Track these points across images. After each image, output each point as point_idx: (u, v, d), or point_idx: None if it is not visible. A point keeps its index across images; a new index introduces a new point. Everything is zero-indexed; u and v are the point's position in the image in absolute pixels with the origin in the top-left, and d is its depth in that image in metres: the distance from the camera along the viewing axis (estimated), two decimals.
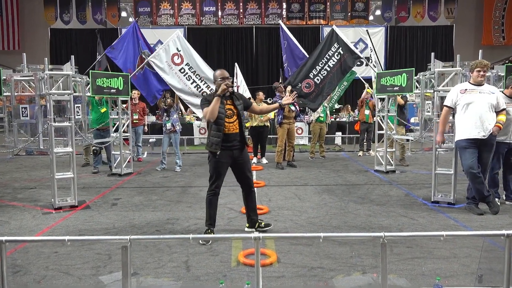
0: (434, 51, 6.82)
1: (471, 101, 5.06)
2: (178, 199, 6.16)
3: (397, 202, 5.86)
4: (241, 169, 4.41)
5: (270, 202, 5.92)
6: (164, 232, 4.62)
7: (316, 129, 10.02)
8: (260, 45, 18.38)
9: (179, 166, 8.55)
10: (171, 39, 8.66)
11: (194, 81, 8.66)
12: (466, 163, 5.12)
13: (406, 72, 7.32)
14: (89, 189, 6.91)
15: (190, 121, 13.93)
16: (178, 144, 8.61)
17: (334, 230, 4.60)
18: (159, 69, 8.54)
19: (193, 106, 8.88)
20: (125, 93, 7.82)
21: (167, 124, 8.37)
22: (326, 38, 8.66)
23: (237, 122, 4.29)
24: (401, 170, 8.41)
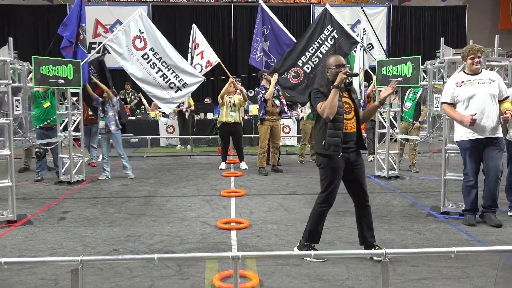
0: (444, 36, 6.98)
1: (472, 94, 5.17)
2: (140, 211, 6.11)
3: (401, 213, 5.95)
4: (357, 177, 4.30)
5: (252, 214, 5.94)
6: (123, 251, 4.57)
7: (307, 128, 10.08)
8: (240, 27, 18.37)
9: (129, 170, 8.49)
10: (132, 18, 8.60)
11: (159, 70, 8.61)
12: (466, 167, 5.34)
13: (412, 61, 7.44)
14: (31, 200, 6.80)
15: (155, 117, 13.85)
16: (121, 144, 8.45)
17: (327, 247, 4.64)
18: (118, 55, 8.46)
19: (159, 100, 8.83)
20: (76, 83, 7.74)
21: (101, 122, 8.25)
22: (318, 19, 8.73)
23: (354, 120, 4.24)
24: (405, 175, 8.55)
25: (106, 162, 8.45)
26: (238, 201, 6.62)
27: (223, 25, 18.41)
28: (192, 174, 8.95)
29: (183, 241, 4.87)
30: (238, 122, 9.24)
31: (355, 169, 4.28)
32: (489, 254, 4.29)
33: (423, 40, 18.89)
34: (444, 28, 18.73)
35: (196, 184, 7.96)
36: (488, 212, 5.39)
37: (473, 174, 5.34)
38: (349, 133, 4.20)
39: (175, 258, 4.15)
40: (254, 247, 4.69)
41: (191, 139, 12.58)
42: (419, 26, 18.94)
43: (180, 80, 8.65)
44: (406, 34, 19.00)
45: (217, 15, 18.34)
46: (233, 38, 18.42)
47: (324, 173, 4.30)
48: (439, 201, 6.04)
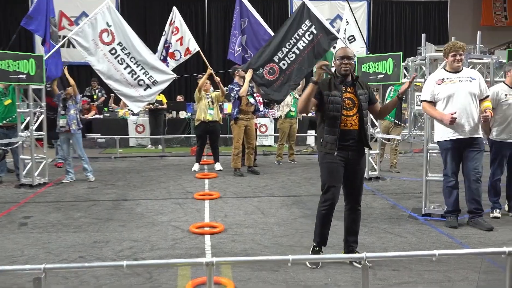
0: (426, 32, 7.09)
1: (452, 93, 5.28)
2: (108, 216, 6.05)
3: (382, 216, 6.03)
4: (354, 177, 4.32)
5: (226, 218, 5.94)
6: (90, 259, 4.52)
7: (285, 127, 10.11)
8: (215, 20, 18.32)
9: (90, 172, 8.40)
10: (99, 11, 8.50)
11: (128, 66, 8.54)
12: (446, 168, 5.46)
13: (392, 57, 7.54)
14: None
15: (124, 116, 13.70)
16: (81, 145, 8.31)
17: (306, 252, 4.66)
18: (83, 50, 8.36)
19: (127, 98, 8.76)
20: (38, 79, 7.61)
21: (61, 119, 8.03)
22: (296, 13, 8.78)
23: (357, 117, 4.19)
24: (386, 176, 8.66)
25: (69, 164, 8.32)
26: (212, 204, 6.60)
27: (196, 19, 18.32)
28: (163, 176, 8.89)
29: (154, 247, 4.83)
30: (217, 120, 9.22)
31: (354, 169, 4.30)
32: (471, 257, 4.39)
33: (404, 36, 19.18)
34: (426, 24, 19.07)
35: (167, 186, 7.90)
36: (476, 216, 5.49)
37: (453, 175, 5.45)
38: (349, 130, 4.18)
39: (146, 265, 4.12)
40: (229, 252, 4.69)
41: (163, 139, 12.49)
42: (400, 21, 19.21)
43: (149, 77, 8.59)
44: (387, 30, 19.24)
45: (190, 8, 18.24)
46: (207, 32, 18.34)
47: (321, 171, 4.37)
48: (420, 202, 6.14)
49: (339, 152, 4.19)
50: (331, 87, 4.20)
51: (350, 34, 9.90)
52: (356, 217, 4.46)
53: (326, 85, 4.22)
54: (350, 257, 4.17)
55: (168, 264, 4.16)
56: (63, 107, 8.07)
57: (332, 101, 4.15)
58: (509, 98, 5.71)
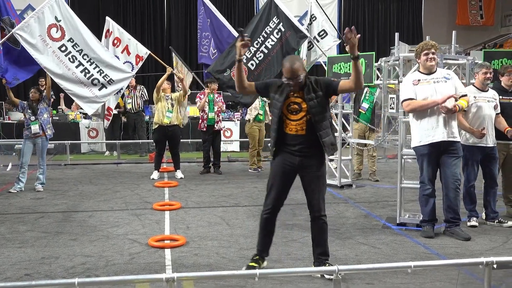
0: (399, 31, 7.23)
1: (428, 94, 5.41)
2: (57, 229, 5.95)
3: (354, 226, 6.11)
4: (308, 184, 4.46)
5: (188, 230, 5.91)
6: (37, 276, 4.43)
7: (254, 131, 10.10)
8: (175, 16, 18.23)
9: (41, 184, 8.27)
10: (47, 4, 8.34)
11: (80, 64, 8.40)
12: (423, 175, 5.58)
13: (365, 58, 7.66)
14: None
15: (75, 119, 13.46)
16: (45, 153, 8.30)
17: (274, 265, 4.68)
18: (29, 46, 8.17)
19: (80, 99, 8.61)
20: None
21: (33, 126, 8.03)
22: (262, 10, 8.83)
23: (304, 121, 4.27)
24: (365, 184, 8.79)
25: (24, 172, 8.15)
26: (173, 215, 6.56)
27: (154, 15, 18.18)
28: (119, 184, 8.78)
29: (108, 263, 4.77)
30: (177, 124, 9.18)
31: (307, 176, 4.42)
32: (448, 268, 4.49)
33: (377, 36, 19.53)
34: (399, 22, 19.47)
35: (124, 196, 7.81)
36: (452, 226, 5.61)
37: (430, 182, 5.57)
38: (295, 135, 4.33)
39: (100, 282, 4.02)
40: (192, 267, 4.67)
41: (118, 144, 12.32)
42: (372, 20, 19.55)
43: (105, 76, 8.48)
44: (359, 29, 19.48)
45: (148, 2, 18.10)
46: (166, 29, 18.23)
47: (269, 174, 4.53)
48: (395, 211, 6.25)
49: (287, 157, 4.38)
50: (277, 91, 4.37)
51: (320, 29, 9.92)
52: (321, 227, 4.51)
53: (276, 88, 4.38)
54: (321, 270, 4.20)
55: (125, 280, 4.08)
56: (32, 113, 7.99)
57: (275, 105, 4.36)
58: (478, 100, 5.88)
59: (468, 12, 19.79)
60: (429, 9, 19.69)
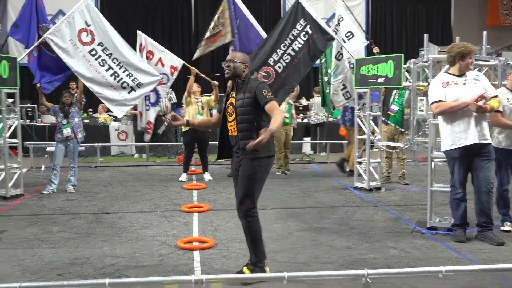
0: (429, 33, 7.14)
1: (458, 96, 5.30)
2: (88, 230, 6.02)
3: (384, 229, 6.05)
4: (236, 183, 4.54)
5: (217, 232, 5.92)
6: (69, 276, 4.49)
7: (280, 134, 10.08)
8: (202, 19, 18.32)
9: (72, 186, 8.39)
10: (77, 9, 8.48)
11: (110, 68, 8.51)
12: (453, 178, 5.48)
13: (393, 59, 7.59)
14: None
15: (105, 122, 13.66)
16: (76, 156, 8.47)
17: (302, 268, 4.66)
18: (61, 50, 8.32)
19: (109, 102, 8.72)
20: (12, 82, 7.58)
21: (65, 129, 8.18)
22: (289, 12, 8.81)
23: (235, 122, 4.34)
24: (388, 187, 8.69)
25: (56, 174, 8.30)
26: (201, 217, 6.58)
27: (182, 17, 18.34)
28: (148, 186, 8.86)
29: (138, 264, 4.81)
30: None
31: (237, 175, 4.48)
32: (480, 273, 4.40)
33: (406, 37, 19.30)
34: (429, 23, 19.20)
35: (153, 198, 7.88)
36: (485, 230, 5.50)
37: (461, 186, 5.47)
38: (232, 136, 4.43)
39: (130, 283, 4.08)
40: (220, 269, 4.67)
41: (147, 147, 12.44)
42: (400, 21, 19.34)
43: (134, 79, 8.57)
44: (387, 30, 19.36)
45: (176, 5, 18.27)
46: (194, 32, 18.36)
47: None
48: (425, 215, 6.15)
49: (233, 159, 4.52)
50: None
51: (347, 31, 9.83)
52: (245, 228, 4.48)
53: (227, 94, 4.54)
54: (350, 273, 4.16)
55: (154, 282, 4.12)
56: (64, 116, 8.15)
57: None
58: (511, 102, 5.74)
59: (499, 12, 19.41)
60: (459, 10, 19.38)
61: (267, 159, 4.39)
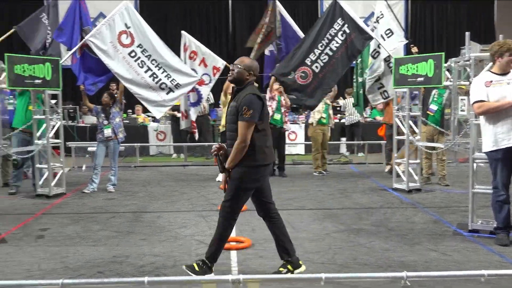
0: (470, 30, 6.98)
1: (502, 96, 5.14)
2: (128, 229, 6.11)
3: (423, 231, 5.94)
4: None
5: (254, 232, 5.93)
6: (109, 274, 4.56)
7: (317, 135, 10.05)
8: (239, 22, 18.44)
9: (112, 185, 8.54)
10: (118, 12, 8.64)
11: (149, 69, 8.64)
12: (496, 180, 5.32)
13: (433, 58, 7.46)
14: (5, 216, 6.80)
15: (144, 123, 13.86)
16: (117, 156, 8.63)
17: (340, 270, 4.63)
18: (101, 52, 8.50)
19: (148, 103, 8.85)
20: (55, 84, 7.77)
21: (106, 129, 8.34)
22: (327, 12, 8.77)
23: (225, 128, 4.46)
24: (427, 188, 8.54)
25: (97, 174, 8.48)
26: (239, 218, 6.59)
27: (220, 20, 18.47)
28: (186, 186, 8.95)
29: (176, 262, 4.85)
30: None
31: None
32: None
33: (446, 35, 18.92)
34: (470, 21, 18.76)
35: (190, 198, 7.95)
36: None
37: (504, 188, 5.32)
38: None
39: (168, 281, 4.14)
40: (257, 269, 4.68)
41: (185, 147, 12.57)
42: (441, 19, 18.97)
43: (172, 81, 8.68)
44: (427, 28, 19.03)
45: (214, 8, 18.40)
46: (231, 34, 18.46)
47: None
48: (466, 217, 6.01)
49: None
50: None
51: (386, 28, 9.68)
52: (218, 223, 4.57)
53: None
54: (389, 275, 4.11)
55: (192, 281, 4.16)
56: (105, 117, 8.33)
57: None
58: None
59: None
60: (502, 7, 18.86)
61: (253, 168, 4.37)
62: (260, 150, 4.31)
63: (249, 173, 4.37)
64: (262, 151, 4.33)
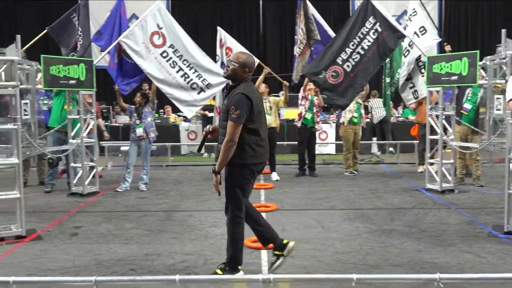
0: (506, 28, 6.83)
1: None
2: (160, 227, 6.18)
3: (457, 233, 5.84)
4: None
5: (284, 232, 5.91)
6: (141, 272, 4.63)
7: (349, 134, 9.97)
8: (270, 22, 18.46)
9: (144, 184, 8.63)
10: (150, 12, 8.73)
11: (180, 69, 8.71)
12: None
13: (468, 56, 7.33)
14: (41, 213, 6.94)
15: (176, 122, 13.99)
16: (149, 155, 8.73)
17: (372, 271, 4.59)
18: (134, 53, 8.60)
19: (180, 103, 8.91)
20: (89, 84, 7.90)
21: (138, 129, 8.45)
22: (359, 10, 8.68)
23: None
24: (461, 189, 8.39)
25: (130, 173, 8.60)
26: (268, 217, 6.60)
27: (250, 20, 18.53)
28: None
29: (207, 261, 4.89)
30: (274, 127, 9.28)
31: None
32: None
33: (481, 33, 18.56)
34: (506, 18, 18.32)
35: (221, 197, 7.92)
36: None
37: None
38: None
39: (199, 280, 4.17)
40: (287, 269, 4.65)
41: (216, 146, 12.59)
42: (475, 16, 18.63)
43: (203, 80, 8.72)
44: (461, 27, 18.71)
45: (244, 8, 18.46)
46: (261, 34, 18.50)
47: None
48: (502, 219, 5.87)
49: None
50: None
51: (420, 26, 9.55)
52: (227, 228, 4.54)
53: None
54: (421, 278, 4.05)
55: (223, 280, 4.18)
56: (137, 117, 8.43)
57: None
58: None
59: None
60: None
61: (242, 166, 4.37)
62: (249, 149, 4.32)
63: (239, 171, 4.40)
64: (251, 149, 4.34)
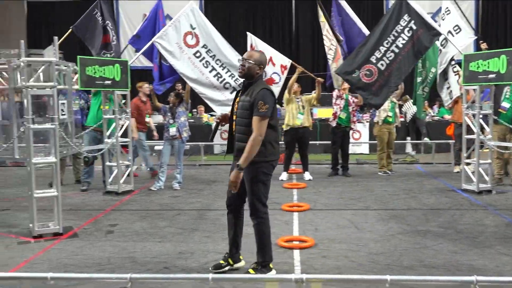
0: None
1: None
2: (193, 226, 6.23)
3: (495, 234, 5.72)
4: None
5: (317, 232, 5.90)
6: (174, 270, 4.67)
7: (383, 134, 9.85)
8: (302, 21, 18.36)
9: (178, 183, 8.69)
10: (183, 13, 8.82)
11: (213, 69, 8.77)
12: None
13: (506, 54, 7.17)
14: (77, 211, 7.08)
15: (208, 122, 14.07)
16: (182, 154, 8.76)
17: (406, 272, 4.54)
18: (168, 53, 8.71)
19: (213, 102, 8.98)
20: (123, 85, 8.02)
21: (171, 128, 8.50)
22: (393, 8, 8.59)
23: (234, 123, 4.48)
24: (499, 190, 8.20)
25: (163, 172, 8.69)
26: (301, 217, 6.59)
27: (283, 20, 18.48)
28: None
29: None
30: (307, 126, 9.26)
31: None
32: None
33: None
34: None
35: None
36: None
37: None
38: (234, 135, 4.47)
39: (231, 279, 4.19)
40: (320, 269, 4.65)
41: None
42: None
43: (236, 80, 8.76)
44: (500, 24, 18.27)
45: (277, 8, 18.43)
46: (294, 34, 18.45)
47: None
48: None
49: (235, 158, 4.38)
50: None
51: (454, 24, 9.40)
52: (254, 228, 4.53)
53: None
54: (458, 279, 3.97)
55: (255, 279, 4.19)
56: (171, 116, 8.53)
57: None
58: None
59: None
60: None
61: (264, 163, 4.36)
62: (270, 146, 4.35)
63: (262, 169, 4.39)
64: (271, 146, 4.37)
